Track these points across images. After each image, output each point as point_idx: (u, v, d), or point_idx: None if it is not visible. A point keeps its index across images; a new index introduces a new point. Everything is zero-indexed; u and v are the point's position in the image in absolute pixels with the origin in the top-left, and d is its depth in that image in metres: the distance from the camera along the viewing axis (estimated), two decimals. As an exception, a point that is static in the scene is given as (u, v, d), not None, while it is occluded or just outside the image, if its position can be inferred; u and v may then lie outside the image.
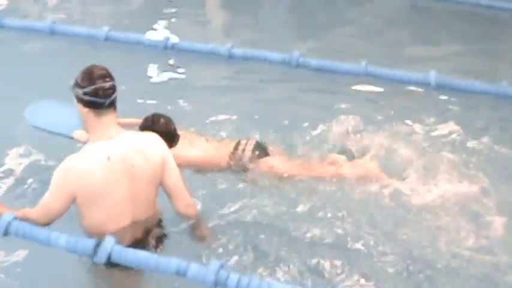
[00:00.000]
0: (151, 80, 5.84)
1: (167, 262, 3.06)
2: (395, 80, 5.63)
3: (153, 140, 3.19)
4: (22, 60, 5.99)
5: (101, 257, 3.07)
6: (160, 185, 3.20)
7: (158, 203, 3.28)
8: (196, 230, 3.40)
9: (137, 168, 3.05)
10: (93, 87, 2.91)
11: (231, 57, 5.90)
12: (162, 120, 4.09)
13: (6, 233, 3.14)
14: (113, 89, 2.97)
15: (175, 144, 4.09)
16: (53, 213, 3.08)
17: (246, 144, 4.19)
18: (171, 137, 4.00)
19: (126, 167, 3.03)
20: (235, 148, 4.17)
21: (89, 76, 2.94)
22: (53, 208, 3.07)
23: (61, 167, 3.01)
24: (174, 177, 3.20)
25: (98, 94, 2.92)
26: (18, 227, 3.15)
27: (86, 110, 2.97)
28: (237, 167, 4.15)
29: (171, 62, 6.05)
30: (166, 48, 6.05)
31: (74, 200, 3.03)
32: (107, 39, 6.17)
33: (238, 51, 5.92)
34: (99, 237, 3.12)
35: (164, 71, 5.92)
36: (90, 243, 3.09)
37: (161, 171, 3.14)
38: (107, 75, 2.96)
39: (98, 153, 3.00)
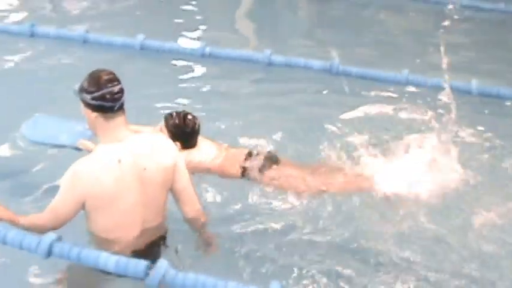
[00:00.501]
0: (187, 88, 5.73)
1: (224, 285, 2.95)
2: (434, 88, 5.54)
3: (164, 143, 3.16)
4: (55, 70, 5.92)
5: (154, 280, 2.96)
6: (170, 189, 3.16)
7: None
8: (202, 235, 3.37)
9: (148, 172, 3.01)
10: (101, 91, 2.89)
11: (270, 64, 5.82)
12: (195, 120, 4.05)
13: (49, 254, 3.04)
14: (121, 92, 2.94)
15: (195, 146, 4.04)
16: (62, 218, 3.02)
17: (257, 155, 4.12)
18: (195, 138, 4.00)
19: (138, 170, 2.99)
20: (246, 159, 4.10)
21: (97, 81, 2.91)
22: (62, 213, 3.01)
23: (70, 171, 2.96)
24: (184, 181, 3.17)
25: (106, 98, 2.90)
26: (62, 249, 3.04)
27: (94, 115, 2.94)
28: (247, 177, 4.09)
29: (207, 69, 5.98)
30: (203, 56, 5.97)
31: (83, 205, 2.98)
32: (142, 48, 6.10)
33: (278, 58, 5.84)
34: (107, 243, 3.08)
35: (201, 79, 5.85)
36: (142, 265, 2.97)
37: (172, 175, 3.11)
38: (115, 79, 2.94)
39: (109, 156, 2.96)
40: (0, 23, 6.78)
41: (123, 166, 2.95)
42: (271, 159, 4.13)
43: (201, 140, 4.13)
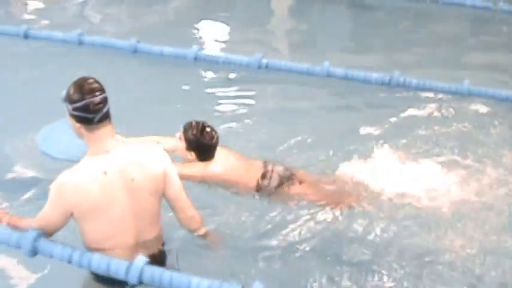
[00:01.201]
0: (244, 100, 5.65)
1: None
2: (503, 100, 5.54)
3: (153, 151, 3.07)
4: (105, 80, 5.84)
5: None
6: (163, 197, 3.10)
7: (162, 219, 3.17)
8: (206, 240, 3.32)
9: (137, 182, 2.94)
10: (83, 102, 2.80)
11: (329, 75, 5.77)
12: (210, 132, 3.95)
13: (140, 281, 3.00)
14: (104, 102, 2.84)
15: (212, 158, 3.97)
16: (51, 227, 3.01)
17: (272, 171, 4.04)
18: (211, 151, 3.94)
19: (125, 181, 2.92)
20: (263, 177, 4.02)
21: (78, 90, 2.82)
22: (50, 222, 2.99)
23: (56, 182, 2.90)
24: (176, 189, 3.10)
25: (87, 109, 2.81)
26: (153, 274, 3.00)
27: (78, 125, 2.87)
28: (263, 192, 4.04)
29: (263, 82, 5.91)
30: (260, 68, 5.90)
31: (71, 215, 2.94)
32: (196, 58, 6.03)
33: (338, 70, 5.78)
34: (101, 253, 3.04)
35: (256, 92, 5.76)
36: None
37: (163, 183, 3.03)
38: (97, 89, 2.84)
39: (94, 167, 2.89)
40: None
41: (109, 177, 2.89)
42: (287, 177, 4.06)
43: (219, 151, 4.05)
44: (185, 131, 3.95)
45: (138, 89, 5.62)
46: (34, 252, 3.06)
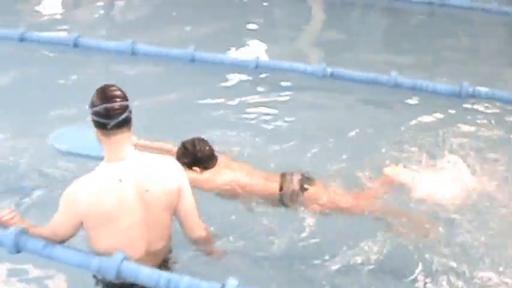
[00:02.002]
0: (309, 110, 5.58)
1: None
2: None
3: (170, 164, 3.07)
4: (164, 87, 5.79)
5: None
6: (174, 212, 3.08)
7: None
8: (210, 254, 3.33)
9: (151, 194, 2.94)
10: (100, 107, 2.84)
11: (397, 85, 5.65)
12: (201, 144, 3.95)
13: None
14: (123, 109, 2.85)
15: (214, 165, 3.96)
16: (61, 235, 3.03)
17: (292, 182, 3.98)
18: (211, 160, 3.94)
19: (139, 192, 2.92)
20: (281, 188, 3.97)
21: (99, 96, 2.87)
22: (61, 230, 3.01)
23: (67, 192, 2.91)
24: (189, 205, 3.09)
25: (103, 115, 2.84)
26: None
27: (95, 129, 2.91)
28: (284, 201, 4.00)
29: (325, 91, 5.80)
30: (325, 77, 5.77)
31: (81, 224, 2.94)
32: (257, 66, 5.91)
33: (405, 80, 5.66)
34: None
35: (323, 99, 5.70)
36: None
37: (177, 199, 3.03)
38: (118, 96, 2.86)
39: (110, 174, 2.90)
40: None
41: (124, 186, 2.89)
42: (305, 187, 4.00)
43: (224, 162, 4.04)
44: (178, 159, 3.80)
45: (195, 96, 5.56)
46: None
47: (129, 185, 2.90)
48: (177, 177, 3.03)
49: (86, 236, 3.03)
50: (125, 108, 2.86)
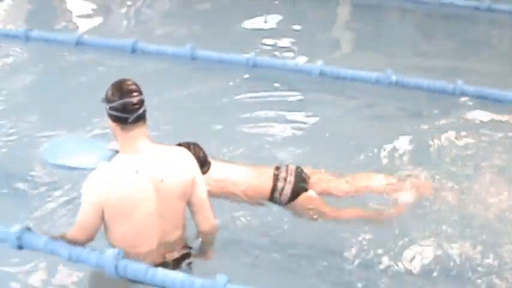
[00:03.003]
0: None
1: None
2: None
3: (184, 155, 3.16)
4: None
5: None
6: (187, 202, 3.17)
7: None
8: (207, 250, 3.39)
9: (166, 184, 3.02)
10: (119, 102, 2.91)
11: (464, 93, 5.65)
12: (196, 149, 3.93)
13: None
14: (140, 103, 2.95)
15: (207, 171, 3.97)
16: (90, 228, 3.07)
17: (285, 181, 4.05)
18: (204, 166, 3.92)
19: (155, 182, 3.01)
20: (273, 189, 4.03)
21: (117, 91, 2.94)
22: (89, 223, 3.05)
23: (88, 180, 3.00)
24: (202, 195, 3.18)
25: (123, 109, 2.91)
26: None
27: (113, 124, 2.98)
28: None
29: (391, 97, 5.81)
30: (390, 85, 5.78)
31: (103, 213, 3.00)
32: (321, 74, 5.92)
33: (470, 89, 5.68)
34: (126, 254, 3.11)
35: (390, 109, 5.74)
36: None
37: (191, 189, 3.12)
38: (135, 90, 2.95)
39: (126, 165, 2.99)
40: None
41: (140, 177, 2.97)
42: (299, 187, 4.06)
43: (217, 165, 4.05)
44: None
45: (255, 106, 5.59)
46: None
47: (145, 175, 2.98)
48: (191, 168, 3.12)
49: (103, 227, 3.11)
50: (142, 102, 2.95)
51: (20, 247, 3.31)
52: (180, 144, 3.90)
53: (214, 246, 3.42)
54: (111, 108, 2.94)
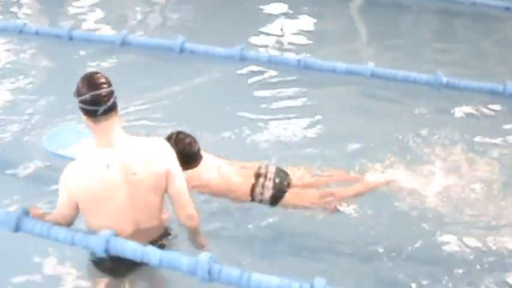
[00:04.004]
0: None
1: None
2: None
3: (159, 147, 3.17)
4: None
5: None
6: (165, 193, 3.21)
7: (165, 212, 3.32)
8: (195, 239, 3.46)
9: (139, 177, 3.06)
10: (88, 95, 2.94)
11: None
12: (185, 140, 4.03)
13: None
14: (109, 95, 2.97)
15: (197, 165, 4.06)
16: (67, 217, 3.22)
17: (265, 180, 4.20)
18: (193, 158, 4.02)
19: (127, 175, 3.05)
20: (253, 187, 4.17)
21: (85, 84, 2.96)
22: (65, 213, 3.20)
23: (62, 175, 3.10)
24: (178, 187, 3.19)
25: (92, 102, 2.94)
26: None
27: (85, 117, 3.01)
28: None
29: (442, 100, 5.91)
30: (440, 87, 5.86)
31: (78, 205, 3.12)
32: (373, 75, 6.00)
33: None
34: None
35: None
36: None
37: (165, 180, 3.14)
38: (104, 82, 2.98)
39: (97, 160, 3.03)
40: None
41: (111, 171, 3.02)
42: (279, 189, 4.20)
43: (207, 160, 4.15)
44: None
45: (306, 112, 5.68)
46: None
47: (116, 169, 3.02)
48: (166, 159, 3.13)
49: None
50: (111, 94, 2.97)
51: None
52: (176, 134, 4.00)
53: (201, 235, 3.46)
54: (80, 102, 2.96)
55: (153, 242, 3.30)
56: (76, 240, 3.26)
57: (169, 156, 3.16)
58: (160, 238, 3.37)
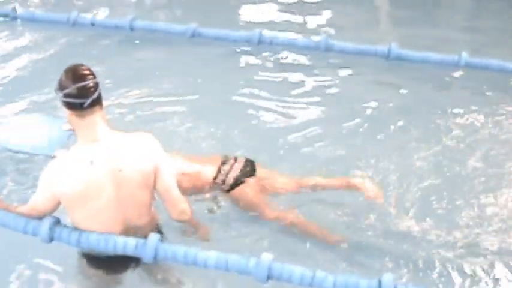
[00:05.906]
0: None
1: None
2: None
3: (145, 144, 3.08)
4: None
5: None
6: (154, 189, 3.12)
7: (155, 208, 3.26)
8: (196, 232, 3.43)
9: (125, 173, 2.98)
10: (73, 87, 2.84)
11: None
12: None
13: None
14: (95, 87, 2.88)
15: None
16: (41, 212, 3.17)
17: (231, 168, 4.03)
18: None
19: (112, 171, 2.96)
20: (219, 171, 4.01)
21: (69, 76, 2.87)
22: (40, 208, 3.14)
23: (45, 171, 3.02)
24: (166, 183, 3.11)
25: (77, 94, 2.84)
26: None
27: (69, 112, 2.91)
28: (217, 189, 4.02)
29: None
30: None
31: (59, 202, 3.05)
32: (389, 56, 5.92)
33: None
34: None
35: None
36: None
37: (153, 177, 3.06)
38: (89, 74, 2.89)
39: (81, 157, 2.95)
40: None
41: (94, 167, 2.94)
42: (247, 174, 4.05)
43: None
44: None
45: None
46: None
47: (100, 166, 2.94)
48: (153, 156, 3.06)
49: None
50: (97, 85, 2.90)
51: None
52: None
53: (200, 225, 3.48)
54: (65, 95, 2.87)
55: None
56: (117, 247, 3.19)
57: (157, 153, 3.09)
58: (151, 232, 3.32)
